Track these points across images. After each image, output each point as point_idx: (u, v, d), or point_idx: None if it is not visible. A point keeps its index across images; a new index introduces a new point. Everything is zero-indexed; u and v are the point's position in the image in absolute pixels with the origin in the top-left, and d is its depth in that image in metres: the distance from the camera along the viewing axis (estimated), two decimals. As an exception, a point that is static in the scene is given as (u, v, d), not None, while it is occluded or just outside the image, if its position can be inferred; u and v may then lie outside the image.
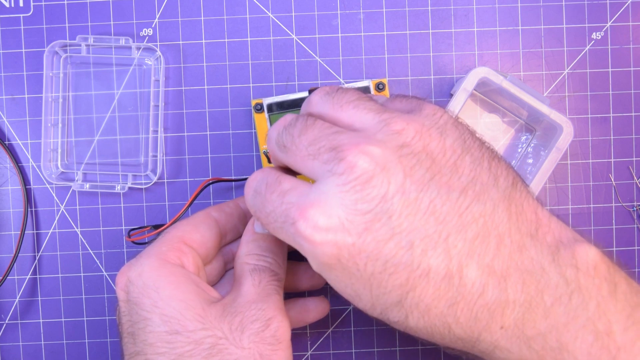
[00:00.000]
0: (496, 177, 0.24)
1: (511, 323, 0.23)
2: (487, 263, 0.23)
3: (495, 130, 0.37)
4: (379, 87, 0.35)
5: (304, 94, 0.35)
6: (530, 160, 0.36)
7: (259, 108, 0.35)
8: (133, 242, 0.36)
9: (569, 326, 0.23)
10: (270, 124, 0.35)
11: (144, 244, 0.36)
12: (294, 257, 0.33)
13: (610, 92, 0.37)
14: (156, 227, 0.36)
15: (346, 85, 0.36)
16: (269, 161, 0.35)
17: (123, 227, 0.37)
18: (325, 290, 0.37)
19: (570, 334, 0.23)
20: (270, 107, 0.35)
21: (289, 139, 0.25)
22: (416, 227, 0.22)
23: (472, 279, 0.23)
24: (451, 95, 0.37)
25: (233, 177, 0.37)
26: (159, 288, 0.28)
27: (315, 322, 0.37)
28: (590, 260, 0.24)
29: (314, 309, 0.34)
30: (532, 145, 0.37)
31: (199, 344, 0.26)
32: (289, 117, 0.27)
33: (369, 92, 0.35)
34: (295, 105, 0.35)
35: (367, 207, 0.22)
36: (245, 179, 0.36)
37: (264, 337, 0.27)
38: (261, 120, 0.36)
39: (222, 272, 0.33)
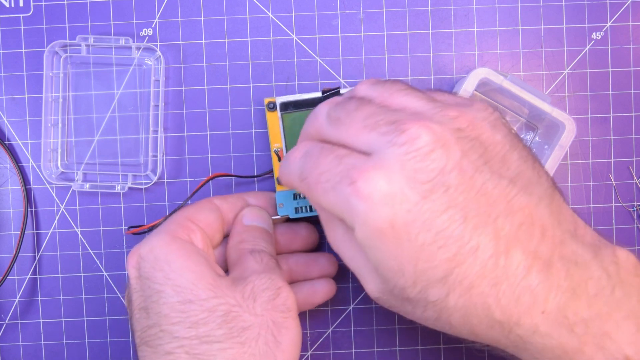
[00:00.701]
0: (539, 175, 0.25)
1: (554, 308, 0.23)
2: (532, 249, 0.23)
3: None
4: None
5: (317, 94, 0.35)
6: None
7: (272, 106, 0.35)
8: (133, 233, 0.36)
9: (612, 315, 0.23)
10: (283, 123, 0.35)
11: (143, 233, 0.36)
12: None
13: (610, 92, 0.37)
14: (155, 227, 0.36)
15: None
16: (280, 160, 0.35)
17: (123, 227, 0.37)
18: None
19: (613, 322, 0.23)
20: (284, 106, 0.35)
21: (344, 112, 0.26)
22: (469, 203, 0.23)
23: (517, 261, 0.23)
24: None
25: (236, 174, 0.37)
26: (170, 261, 0.28)
27: (316, 322, 0.37)
28: (631, 260, 0.24)
29: (321, 290, 0.34)
30: (535, 143, 0.37)
31: (213, 312, 0.27)
32: (339, 97, 0.27)
33: None
34: (308, 105, 0.35)
35: (426, 177, 0.22)
36: (249, 177, 0.36)
37: (275, 305, 0.28)
38: (273, 118, 0.35)
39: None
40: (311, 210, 0.35)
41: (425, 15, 0.37)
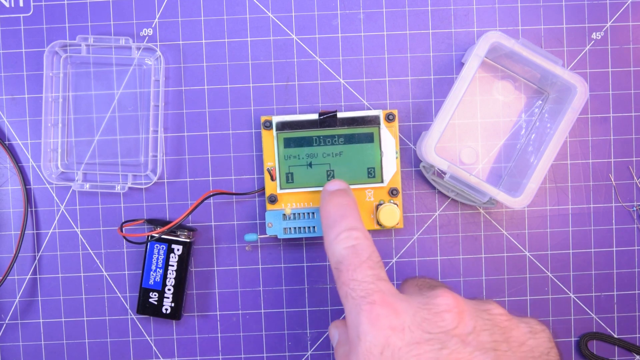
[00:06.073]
0: None
1: None
2: None
3: (508, 96, 0.37)
4: (389, 118, 0.35)
5: (314, 116, 0.35)
6: (548, 125, 0.36)
7: (268, 125, 0.35)
8: (125, 237, 0.36)
9: None
10: (278, 143, 0.35)
11: (139, 243, 0.36)
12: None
13: (610, 92, 0.37)
14: (150, 221, 0.36)
15: (361, 113, 0.36)
16: (272, 179, 0.35)
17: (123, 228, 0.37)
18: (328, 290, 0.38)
19: None
20: (280, 126, 0.35)
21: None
22: None
23: None
24: (462, 64, 0.36)
25: (234, 191, 0.37)
26: None
27: (315, 322, 0.37)
28: None
29: None
30: (547, 109, 0.36)
31: None
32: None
33: (379, 122, 0.35)
34: (305, 126, 0.35)
35: (430, 329, 0.24)
36: (245, 193, 0.37)
37: None
38: (268, 137, 0.36)
39: None
40: (299, 232, 0.35)
41: (425, 15, 0.37)
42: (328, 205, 0.30)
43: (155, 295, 0.36)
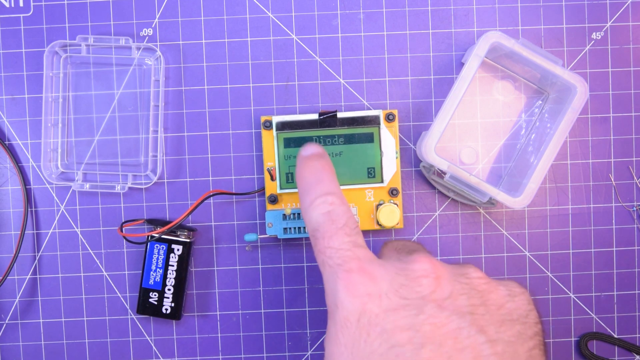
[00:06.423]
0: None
1: None
2: None
3: (508, 96, 0.37)
4: (389, 118, 0.35)
5: (314, 116, 0.35)
6: (548, 125, 0.36)
7: (268, 125, 0.35)
8: (125, 237, 0.36)
9: None
10: (278, 143, 0.35)
11: (139, 243, 0.36)
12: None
13: (610, 92, 0.37)
14: (150, 221, 0.36)
15: (361, 112, 0.37)
16: (272, 179, 0.35)
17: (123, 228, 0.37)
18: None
19: None
20: (280, 126, 0.35)
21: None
22: (434, 337, 0.23)
23: None
24: (462, 64, 0.36)
25: (234, 191, 0.37)
26: None
27: (316, 322, 0.37)
28: None
29: None
30: (547, 109, 0.36)
31: None
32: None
33: (379, 122, 0.35)
34: (305, 126, 0.35)
35: (407, 294, 0.24)
36: (246, 193, 0.37)
37: None
38: (268, 137, 0.36)
39: None
40: (299, 232, 0.35)
41: (425, 15, 0.37)
42: (303, 170, 0.29)
43: (155, 295, 0.36)
